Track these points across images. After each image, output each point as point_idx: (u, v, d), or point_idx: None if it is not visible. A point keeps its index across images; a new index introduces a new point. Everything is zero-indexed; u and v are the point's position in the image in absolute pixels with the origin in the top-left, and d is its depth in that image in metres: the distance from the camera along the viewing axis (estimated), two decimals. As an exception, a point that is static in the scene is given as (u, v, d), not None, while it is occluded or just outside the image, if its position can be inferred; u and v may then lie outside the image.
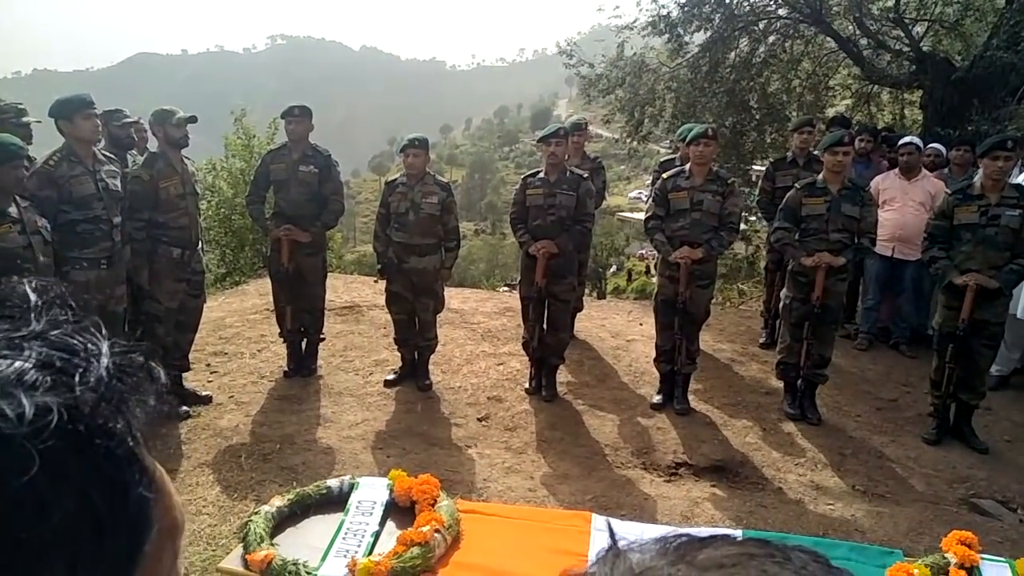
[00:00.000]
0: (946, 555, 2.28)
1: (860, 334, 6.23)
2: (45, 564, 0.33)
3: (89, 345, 0.39)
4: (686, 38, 9.10)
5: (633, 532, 0.43)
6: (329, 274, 5.86)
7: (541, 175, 4.87)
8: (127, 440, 0.37)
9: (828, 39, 9.06)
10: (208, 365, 5.37)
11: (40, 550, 0.33)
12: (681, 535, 0.41)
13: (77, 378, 0.36)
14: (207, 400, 4.79)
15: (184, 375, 4.82)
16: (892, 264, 5.97)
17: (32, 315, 0.39)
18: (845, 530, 3.68)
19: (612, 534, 0.44)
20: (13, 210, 3.37)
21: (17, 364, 0.35)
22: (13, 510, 0.32)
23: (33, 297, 0.40)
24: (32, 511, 0.32)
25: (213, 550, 3.34)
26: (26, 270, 3.36)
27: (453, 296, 6.90)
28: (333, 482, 2.51)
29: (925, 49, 8.41)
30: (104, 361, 0.38)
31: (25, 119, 4.17)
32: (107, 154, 4.16)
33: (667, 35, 9.03)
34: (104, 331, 0.41)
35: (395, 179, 5.07)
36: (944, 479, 4.28)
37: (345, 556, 2.11)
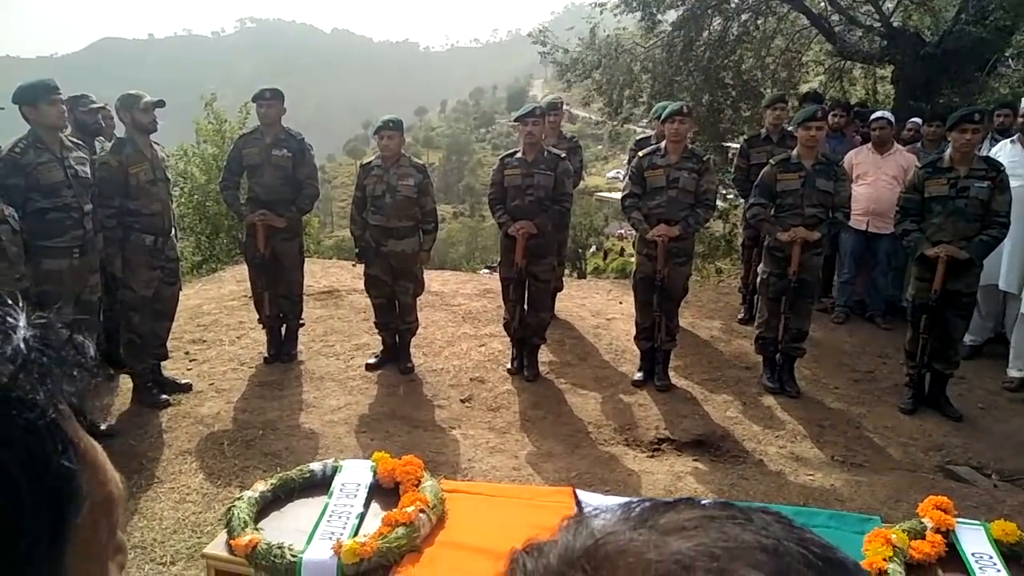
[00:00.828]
0: (923, 520, 2.33)
1: (836, 307, 6.31)
2: None
3: (6, 319, 0.38)
4: (659, 16, 9.08)
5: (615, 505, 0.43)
6: (307, 259, 5.81)
7: (519, 155, 4.85)
8: (48, 412, 0.37)
9: (800, 15, 9.08)
10: (187, 353, 5.32)
11: None
12: (645, 500, 0.42)
13: None
14: (187, 388, 4.75)
15: (163, 363, 4.77)
16: (867, 238, 6.04)
17: None
18: (825, 499, 3.74)
19: (579, 503, 0.44)
20: (-21, 199, 3.30)
21: None
22: None
23: None
24: None
25: (198, 537, 3.33)
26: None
27: (433, 279, 6.88)
28: (316, 465, 2.51)
29: (895, 24, 8.46)
30: (21, 333, 0.38)
31: (-12, 106, 4.06)
32: (75, 140, 4.07)
33: (640, 13, 8.99)
34: (22, 304, 0.40)
35: (370, 162, 5.03)
36: (920, 447, 4.37)
37: (330, 538, 2.11)
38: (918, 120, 6.30)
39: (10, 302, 0.40)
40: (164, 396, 4.55)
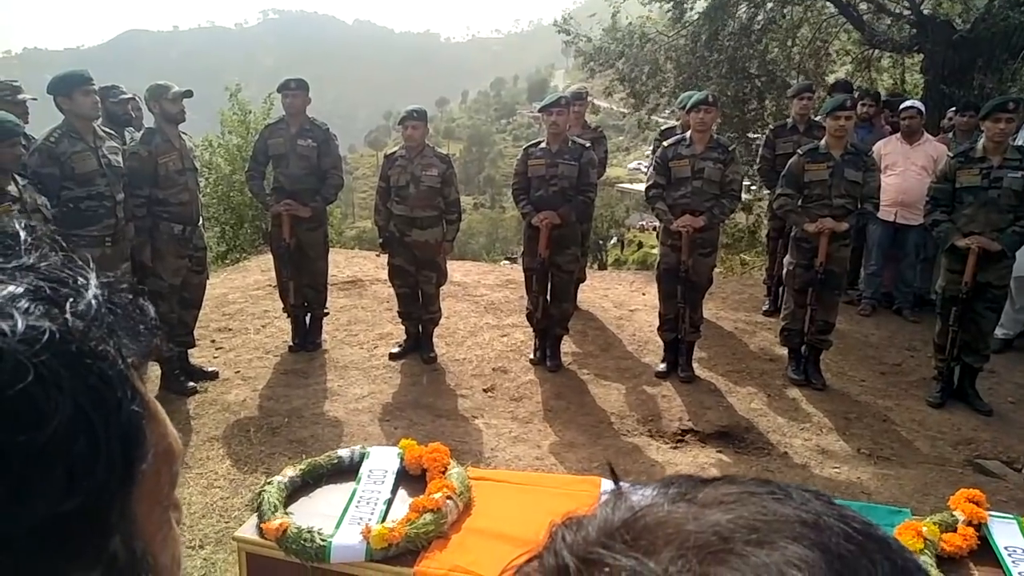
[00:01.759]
0: (954, 513, 2.30)
1: (863, 299, 6.24)
2: (44, 469, 0.35)
3: (78, 278, 0.41)
4: (687, 5, 8.98)
5: None
6: (331, 249, 5.85)
7: (543, 145, 4.84)
8: (118, 363, 0.39)
9: (827, 4, 8.94)
10: (213, 341, 5.39)
11: (39, 455, 0.34)
12: (684, 477, 0.42)
13: (68, 306, 0.38)
14: (214, 376, 4.81)
15: (190, 351, 4.83)
16: (895, 229, 5.96)
17: (22, 250, 0.41)
18: (851, 492, 3.71)
19: (616, 478, 0.44)
20: (12, 189, 3.36)
21: (10, 289, 0.37)
22: (11, 416, 0.34)
23: (23, 234, 0.42)
24: (29, 418, 0.34)
25: (226, 522, 3.38)
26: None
27: (455, 269, 6.90)
28: (344, 452, 2.53)
29: (925, 12, 8.29)
30: (92, 291, 0.40)
31: (21, 96, 4.13)
32: (107, 130, 4.13)
33: (668, 3, 8.91)
34: (92, 266, 0.42)
35: (394, 152, 5.04)
36: (949, 441, 4.31)
37: (359, 523, 2.13)
38: (918, 104, 6.17)
39: (81, 264, 0.41)
40: (191, 384, 4.62)
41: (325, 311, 5.42)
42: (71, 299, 0.39)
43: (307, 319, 5.30)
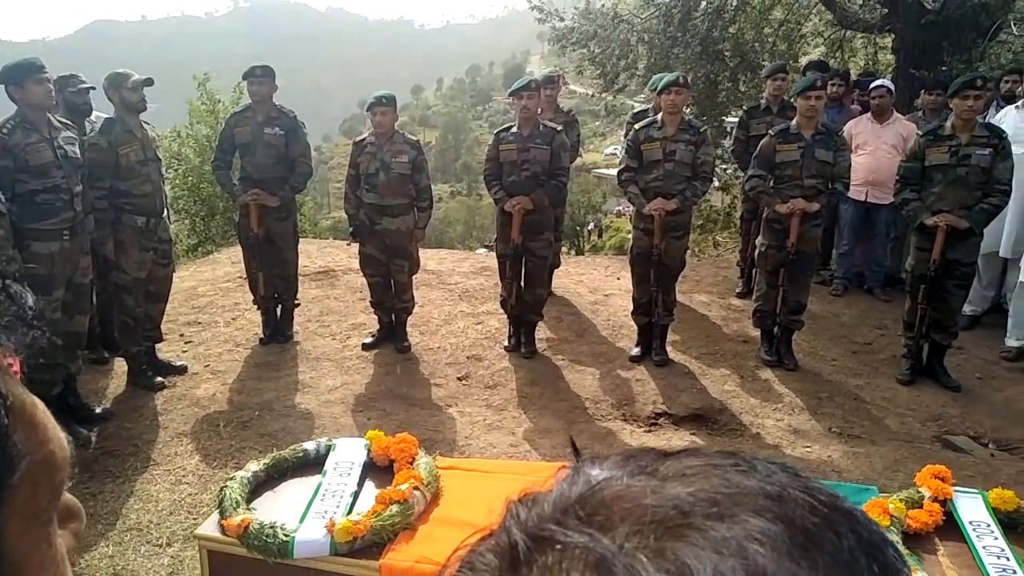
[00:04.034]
0: (920, 489, 2.32)
1: (835, 279, 6.28)
2: None
3: None
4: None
5: None
6: (302, 239, 5.77)
7: (514, 130, 4.79)
8: None
9: (799, -15, 8.95)
10: (182, 335, 5.30)
11: None
12: (647, 449, 0.40)
13: None
14: (182, 370, 4.73)
15: (158, 346, 4.74)
16: (866, 208, 6.00)
17: None
18: (822, 471, 3.74)
19: (577, 452, 0.43)
20: (-36, 181, 3.25)
21: None
22: None
23: None
24: None
25: (194, 519, 3.32)
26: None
27: (429, 257, 6.85)
28: (310, 444, 2.49)
29: (896, -8, 8.32)
30: None
31: (-28, 87, 3.99)
32: (64, 121, 4.01)
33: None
34: None
35: (363, 139, 4.97)
36: (918, 418, 4.36)
37: (323, 517, 2.09)
38: (887, 83, 6.20)
39: None
40: (159, 379, 4.54)
41: (296, 302, 5.35)
42: None
43: (278, 311, 5.23)
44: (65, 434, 0.41)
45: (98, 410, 4.20)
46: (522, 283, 4.93)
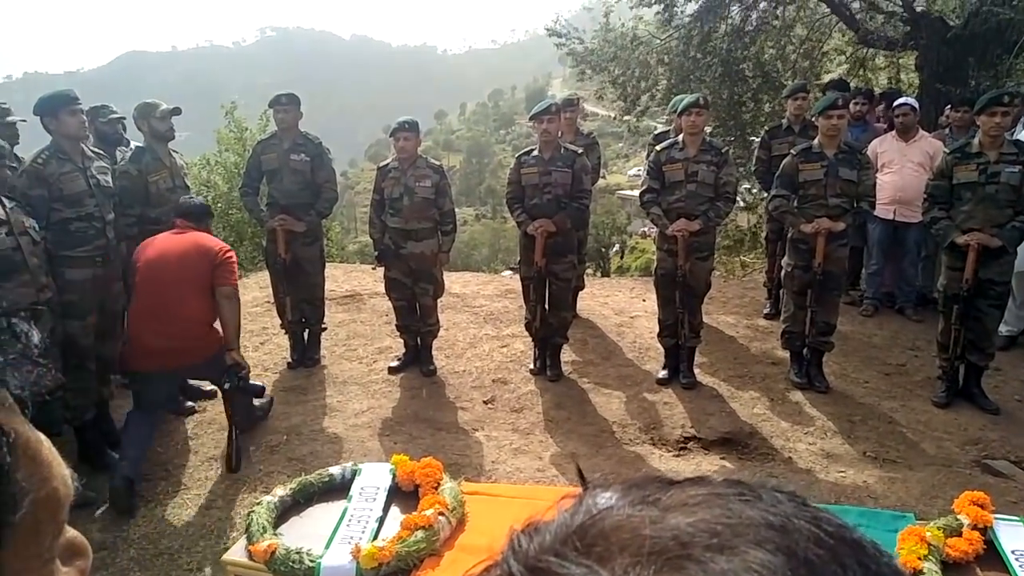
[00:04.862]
0: (959, 516, 2.25)
1: (865, 299, 6.19)
2: None
3: None
4: (676, 8, 8.98)
5: None
6: (329, 263, 5.82)
7: (535, 153, 4.81)
8: None
9: (820, 4, 8.92)
10: (210, 360, 5.35)
11: None
12: (652, 478, 0.40)
13: None
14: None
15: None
16: (894, 227, 5.91)
17: None
18: (857, 496, 3.65)
19: (583, 478, 0.43)
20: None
21: None
22: None
23: None
24: None
25: (224, 543, 3.33)
26: (16, 271, 3.33)
27: (454, 280, 6.87)
28: (335, 469, 2.49)
29: (918, 9, 8.27)
30: None
31: (10, 119, 4.12)
32: (96, 150, 4.11)
33: (657, 5, 8.90)
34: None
35: (387, 164, 5.02)
36: (956, 442, 4.25)
37: (349, 543, 2.09)
38: (911, 101, 6.13)
39: None
40: (189, 403, 4.58)
41: (323, 326, 5.39)
42: None
43: (305, 335, 5.27)
44: (70, 471, 0.41)
45: (128, 435, 4.24)
46: (547, 306, 4.92)
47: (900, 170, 5.76)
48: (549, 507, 0.41)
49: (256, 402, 4.32)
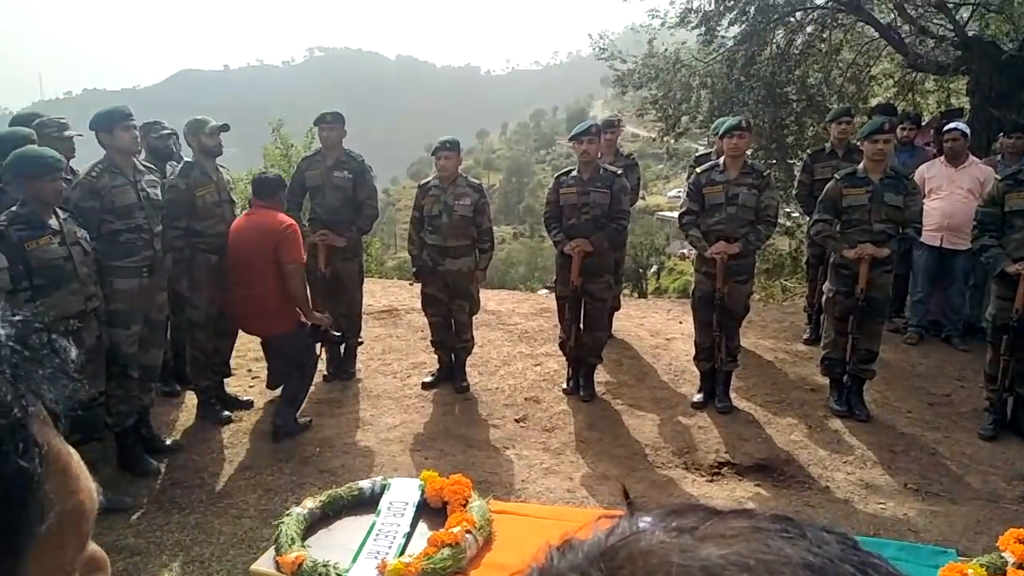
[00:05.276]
0: (1003, 554, 2.17)
1: (910, 328, 6.03)
2: None
3: None
4: (720, 31, 8.95)
5: None
6: (367, 278, 5.90)
7: (574, 173, 4.83)
8: (13, 410, 0.36)
9: (868, 27, 8.81)
10: (249, 371, 5.44)
11: None
12: (696, 506, 0.39)
13: None
14: (249, 405, 4.85)
15: (226, 380, 4.89)
16: (941, 254, 5.77)
17: None
18: (897, 530, 3.55)
19: (628, 499, 0.43)
20: (53, 222, 3.45)
21: None
22: None
23: None
24: None
25: (254, 553, 3.35)
26: (67, 280, 3.44)
27: (490, 298, 6.89)
28: (365, 483, 2.50)
29: (971, 33, 8.11)
30: None
31: (67, 133, 4.27)
32: (147, 164, 4.24)
33: (699, 28, 8.89)
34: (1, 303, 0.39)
35: (427, 182, 5.08)
36: (1002, 476, 4.10)
37: (376, 557, 2.10)
38: (962, 127, 5.96)
39: None
40: (227, 412, 4.66)
41: (360, 340, 5.45)
42: None
43: (342, 348, 5.33)
44: (96, 485, 0.42)
45: (168, 442, 4.34)
46: (581, 325, 4.91)
47: (948, 196, 5.63)
48: (585, 526, 0.41)
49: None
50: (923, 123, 6.68)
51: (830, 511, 3.73)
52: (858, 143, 5.16)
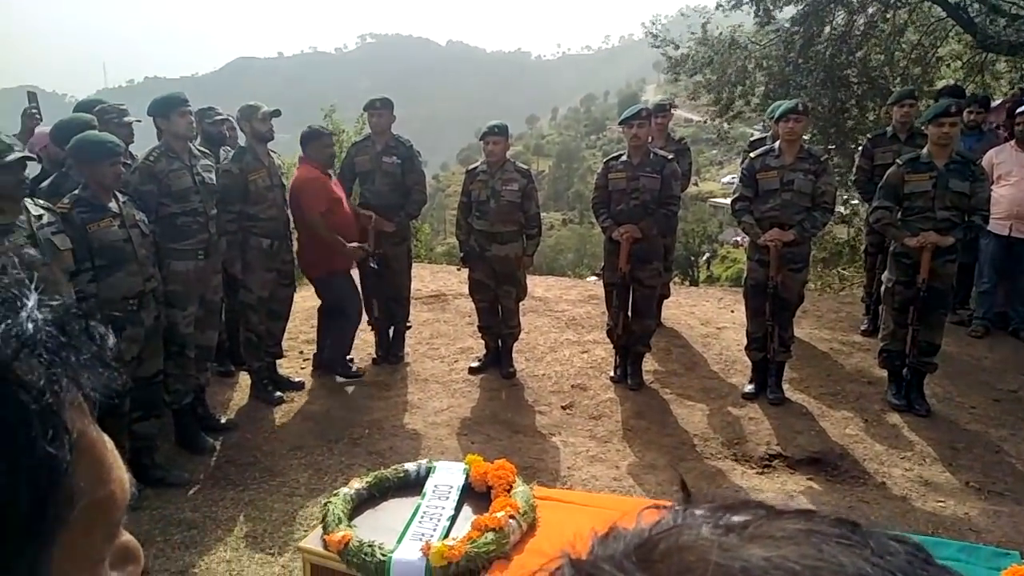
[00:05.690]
0: (1072, 558, 2.06)
1: (975, 320, 5.79)
2: None
3: (18, 301, 0.37)
4: (775, 13, 8.70)
5: None
6: (416, 263, 5.93)
7: (624, 158, 4.76)
8: (45, 395, 0.35)
9: (935, 6, 8.45)
10: (301, 352, 5.55)
11: None
12: (751, 502, 0.37)
13: None
14: (300, 386, 4.95)
15: (278, 362, 4.99)
16: (1009, 243, 5.51)
17: None
18: (957, 529, 3.42)
19: (686, 491, 0.41)
20: (113, 205, 3.55)
21: None
22: None
23: None
24: None
25: (304, 531, 3.43)
26: (126, 262, 3.54)
27: (537, 284, 6.87)
28: (411, 466, 2.52)
29: (1047, 10, 7.72)
30: (29, 313, 0.37)
31: (127, 119, 4.39)
32: (202, 149, 4.33)
33: (755, 8, 8.65)
34: (35, 284, 0.38)
35: (475, 167, 5.07)
36: (1071, 477, 3.92)
37: (420, 539, 2.11)
38: None
39: (26, 284, 0.38)
40: (278, 393, 4.76)
41: (408, 324, 5.50)
42: (3, 320, 0.35)
43: (390, 332, 5.39)
44: (129, 475, 0.41)
45: (223, 420, 4.46)
46: (630, 313, 4.85)
47: (1018, 183, 5.37)
48: (631, 514, 0.40)
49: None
50: (992, 105, 6.36)
51: (886, 508, 3.62)
52: (922, 127, 4.96)
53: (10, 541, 0.33)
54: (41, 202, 3.37)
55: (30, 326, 0.36)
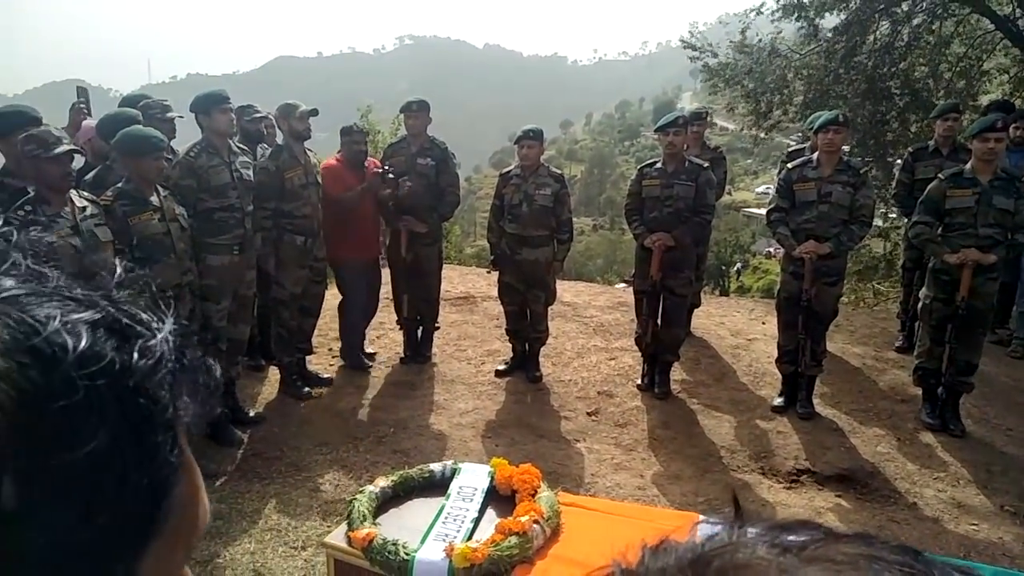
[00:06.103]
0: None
1: (1015, 340, 5.65)
2: (66, 492, 0.33)
3: (155, 323, 0.40)
4: (819, 21, 8.58)
5: None
6: (446, 265, 5.96)
7: (658, 166, 4.73)
8: (168, 411, 0.38)
9: (983, 19, 8.27)
10: (330, 349, 5.60)
11: (64, 476, 0.33)
12: (809, 523, 0.36)
13: (138, 342, 0.37)
14: (328, 382, 5.00)
15: (308, 358, 5.04)
16: (1054, 263, 5.37)
17: (111, 283, 0.41)
18: (990, 554, 3.34)
19: (738, 508, 0.42)
20: (154, 198, 3.63)
21: (87, 314, 0.37)
22: (45, 430, 0.33)
23: (119, 271, 0.42)
24: (62, 437, 0.33)
25: (328, 526, 3.47)
26: (165, 254, 3.61)
27: (566, 289, 6.86)
28: (436, 466, 2.53)
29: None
30: (164, 336, 0.39)
31: (169, 115, 4.48)
32: (241, 146, 4.40)
33: (799, 17, 8.54)
34: (172, 312, 0.42)
35: (509, 171, 5.08)
36: (1112, 505, 3.80)
37: (443, 540, 2.11)
38: None
39: (163, 308, 0.41)
40: (307, 389, 4.81)
41: (436, 325, 5.52)
42: (143, 338, 0.38)
43: (419, 332, 5.42)
44: (208, 503, 0.44)
45: (251, 414, 4.52)
46: (659, 321, 4.82)
47: (1065, 200, 5.22)
48: (660, 528, 0.39)
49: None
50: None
51: (917, 529, 3.54)
52: (966, 141, 4.86)
53: (124, 536, 0.35)
54: (86, 194, 3.45)
55: (164, 347, 0.39)
